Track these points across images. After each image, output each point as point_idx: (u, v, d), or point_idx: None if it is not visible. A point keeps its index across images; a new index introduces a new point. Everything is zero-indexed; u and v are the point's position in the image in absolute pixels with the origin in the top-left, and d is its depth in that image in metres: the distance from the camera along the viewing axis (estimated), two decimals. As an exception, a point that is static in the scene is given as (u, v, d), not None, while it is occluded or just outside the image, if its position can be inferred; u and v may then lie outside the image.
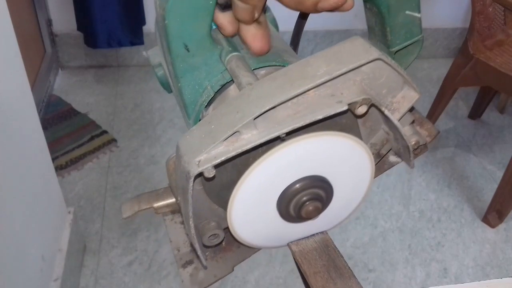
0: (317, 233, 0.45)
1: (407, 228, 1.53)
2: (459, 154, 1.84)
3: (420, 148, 0.43)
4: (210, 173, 0.32)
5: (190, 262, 0.44)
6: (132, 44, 2.00)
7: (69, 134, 1.75)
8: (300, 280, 1.47)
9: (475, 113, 2.02)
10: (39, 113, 1.76)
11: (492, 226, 1.56)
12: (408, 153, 0.42)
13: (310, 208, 0.39)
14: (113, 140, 1.75)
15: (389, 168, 0.50)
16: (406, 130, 0.41)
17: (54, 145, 1.69)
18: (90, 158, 1.67)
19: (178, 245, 0.45)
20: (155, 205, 0.44)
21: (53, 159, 1.61)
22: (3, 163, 0.87)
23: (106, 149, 1.71)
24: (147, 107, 1.94)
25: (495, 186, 1.56)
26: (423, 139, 0.42)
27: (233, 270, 0.46)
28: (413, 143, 0.41)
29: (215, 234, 0.40)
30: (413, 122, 0.42)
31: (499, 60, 1.51)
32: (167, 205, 0.44)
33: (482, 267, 1.44)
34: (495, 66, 1.47)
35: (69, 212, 1.27)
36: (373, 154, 0.41)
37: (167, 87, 0.50)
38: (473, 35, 1.53)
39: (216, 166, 0.32)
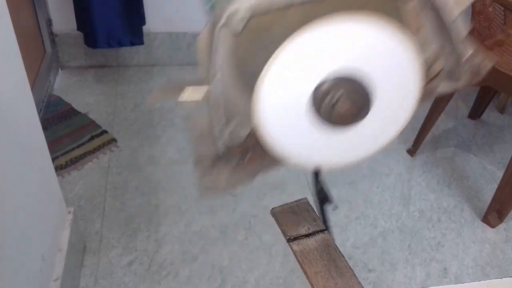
0: (318, 232, 0.45)
1: (407, 228, 1.53)
2: (459, 154, 1.84)
3: (471, 74, 0.37)
4: (241, 23, 0.30)
5: (211, 166, 0.44)
6: (132, 44, 2.01)
7: (69, 134, 1.76)
8: (300, 280, 1.48)
9: (475, 113, 2.03)
10: (39, 113, 1.76)
11: (492, 226, 1.56)
12: (462, 69, 0.36)
13: (344, 107, 0.34)
14: (113, 140, 1.75)
15: (435, 96, 0.44)
16: (462, 39, 0.35)
17: (54, 145, 1.69)
18: (90, 158, 1.67)
19: (201, 152, 0.44)
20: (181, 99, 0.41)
21: (53, 159, 1.61)
22: (3, 163, 0.87)
23: (106, 149, 1.71)
24: (147, 107, 1.94)
25: (495, 186, 1.56)
26: (479, 58, 0.37)
27: (253, 179, 0.47)
28: (470, 54, 0.36)
29: (237, 121, 0.36)
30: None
31: (499, 60, 1.51)
32: (193, 101, 0.42)
33: (482, 267, 1.44)
34: (495, 66, 1.47)
35: (69, 212, 1.27)
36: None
37: None
38: (473, 35, 1.53)
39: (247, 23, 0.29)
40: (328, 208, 0.63)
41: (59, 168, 1.60)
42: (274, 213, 0.58)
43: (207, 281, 1.32)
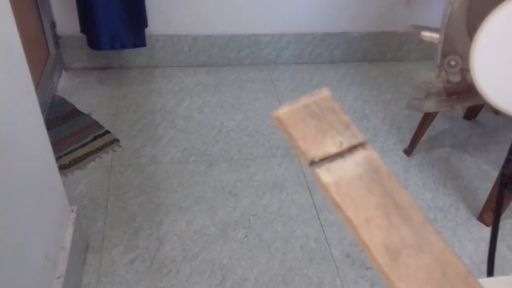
0: (357, 148, 0.29)
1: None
2: (455, 154, 1.87)
3: None
4: None
5: (424, 95, 0.39)
6: (135, 46, 2.03)
7: (73, 134, 1.78)
8: (299, 277, 1.50)
9: (471, 114, 2.05)
10: (43, 113, 1.79)
11: (487, 224, 1.58)
12: None
13: None
14: (115, 140, 1.78)
15: None
16: None
17: (58, 145, 1.71)
18: (93, 158, 1.69)
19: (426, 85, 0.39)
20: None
21: (57, 159, 1.64)
22: (8, 163, 0.88)
23: (108, 149, 1.74)
24: (149, 108, 1.97)
25: (490, 185, 1.58)
26: None
27: (451, 109, 0.36)
28: None
29: (455, 60, 0.32)
30: None
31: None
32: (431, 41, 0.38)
33: (478, 265, 1.46)
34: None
35: (72, 211, 1.29)
36: None
37: None
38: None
39: None
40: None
41: (62, 168, 1.63)
42: (281, 117, 0.32)
43: (208, 279, 1.34)
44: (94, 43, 1.96)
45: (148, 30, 2.07)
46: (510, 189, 0.57)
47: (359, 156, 0.29)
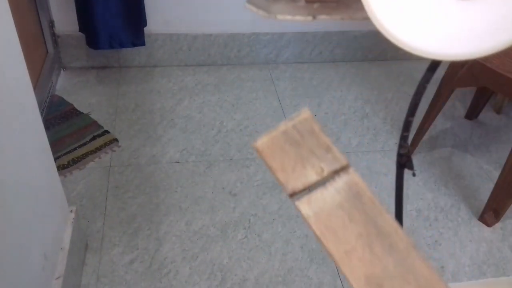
0: (338, 173, 0.29)
1: (405, 227, 1.54)
2: (456, 154, 1.86)
3: None
4: None
5: None
6: (134, 45, 2.02)
7: (71, 134, 1.77)
8: (299, 278, 1.49)
9: (472, 113, 2.04)
10: (41, 113, 1.78)
11: (489, 225, 1.57)
12: None
13: None
14: (114, 140, 1.77)
15: None
16: None
17: (57, 145, 1.70)
18: (92, 158, 1.68)
19: None
20: None
21: (56, 159, 1.64)
22: (6, 163, 0.88)
23: (107, 148, 1.73)
24: (148, 107, 1.96)
25: (492, 185, 1.57)
26: None
27: (313, 18, 0.34)
28: None
29: None
30: None
31: (496, 61, 1.52)
32: None
33: (479, 265, 1.45)
34: (492, 67, 1.48)
35: (71, 211, 1.29)
36: None
37: None
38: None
39: None
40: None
41: (61, 168, 1.62)
42: (260, 148, 0.33)
43: (207, 279, 1.34)
44: (93, 42, 1.96)
45: (147, 29, 2.06)
46: (409, 166, 0.55)
47: (340, 182, 0.28)
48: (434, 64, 0.43)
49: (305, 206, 0.28)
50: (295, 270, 1.38)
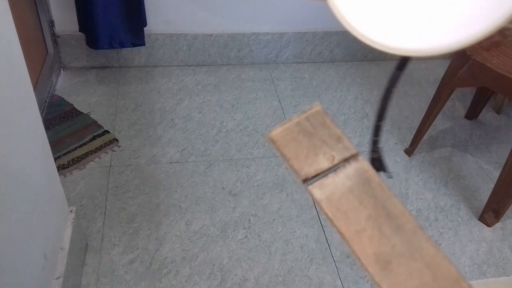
0: (348, 161, 0.30)
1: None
2: (456, 154, 1.86)
3: None
4: None
5: None
6: (134, 45, 2.02)
7: (71, 134, 1.77)
8: (299, 278, 1.49)
9: (472, 113, 2.04)
10: (41, 113, 1.78)
11: (489, 225, 1.57)
12: None
13: None
14: (114, 140, 1.77)
15: None
16: None
17: (57, 145, 1.70)
18: (92, 158, 1.68)
19: None
20: None
21: (56, 159, 1.64)
22: (6, 163, 0.88)
23: (107, 148, 1.73)
24: (148, 107, 1.96)
25: (492, 185, 1.57)
26: None
27: None
28: None
29: None
30: None
31: (496, 61, 1.52)
32: None
33: (479, 265, 1.45)
34: (492, 67, 1.48)
35: (71, 211, 1.29)
36: None
37: None
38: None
39: None
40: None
41: (61, 168, 1.62)
42: (275, 138, 0.35)
43: (207, 279, 1.34)
44: (93, 42, 1.96)
45: (147, 29, 2.06)
46: (383, 170, 0.55)
47: (350, 169, 0.30)
48: (403, 62, 0.42)
49: (317, 190, 0.29)
50: (295, 270, 1.38)
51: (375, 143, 0.47)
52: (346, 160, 0.30)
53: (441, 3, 0.25)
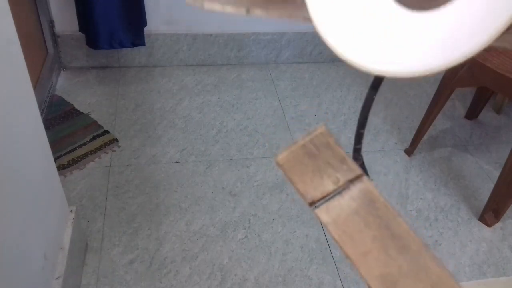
0: (353, 182, 0.31)
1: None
2: (456, 154, 1.86)
3: None
4: None
5: None
6: (134, 45, 2.02)
7: (71, 134, 1.77)
8: (299, 278, 1.49)
9: (472, 113, 2.04)
10: (41, 113, 1.78)
11: (489, 225, 1.57)
12: None
13: None
14: (114, 140, 1.77)
15: None
16: None
17: (57, 145, 1.70)
18: (92, 158, 1.68)
19: None
20: None
21: (56, 159, 1.64)
22: (6, 163, 0.88)
23: (107, 148, 1.73)
24: (148, 107, 1.96)
25: (492, 185, 1.57)
26: None
27: (247, 12, 0.32)
28: None
29: None
30: None
31: (496, 61, 1.52)
32: None
33: (479, 265, 1.45)
34: (492, 67, 1.48)
35: (71, 211, 1.29)
36: None
37: None
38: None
39: None
40: None
41: (61, 168, 1.62)
42: (282, 162, 0.36)
43: (207, 279, 1.34)
44: (93, 42, 1.96)
45: (147, 29, 2.06)
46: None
47: (355, 190, 0.30)
48: (377, 81, 0.43)
49: (323, 213, 0.30)
50: (295, 270, 1.38)
51: (357, 150, 0.47)
52: (351, 181, 0.31)
53: (419, 27, 0.25)
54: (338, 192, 0.31)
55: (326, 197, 0.32)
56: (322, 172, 0.34)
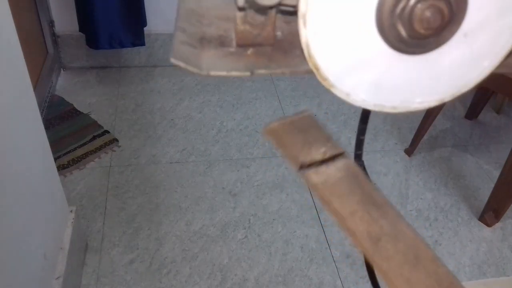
0: (337, 157, 0.34)
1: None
2: (456, 154, 1.86)
3: None
4: None
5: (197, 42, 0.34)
6: (134, 45, 2.02)
7: (71, 134, 1.77)
8: (299, 278, 1.49)
9: (472, 113, 2.04)
10: (41, 113, 1.78)
11: (489, 225, 1.57)
12: None
13: (429, 12, 0.24)
14: (114, 140, 1.77)
15: None
16: None
17: (57, 145, 1.70)
18: (92, 158, 1.68)
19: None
20: None
21: (56, 159, 1.64)
22: (6, 163, 0.88)
23: (107, 148, 1.73)
24: (148, 107, 1.96)
25: (492, 185, 1.57)
26: None
27: (251, 74, 0.33)
28: None
29: None
30: None
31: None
32: None
33: (479, 265, 1.45)
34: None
35: (71, 211, 1.28)
36: None
37: None
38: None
39: None
40: None
41: (61, 168, 1.62)
42: (272, 130, 0.38)
43: (207, 279, 1.34)
44: (93, 42, 1.96)
45: (147, 29, 2.06)
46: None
47: (340, 163, 0.34)
48: (365, 115, 0.46)
49: (313, 176, 0.33)
50: (295, 270, 1.38)
51: (358, 156, 0.49)
52: (336, 156, 0.35)
53: (405, 69, 0.28)
54: (325, 162, 0.34)
55: (314, 165, 0.35)
56: (311, 144, 0.37)
